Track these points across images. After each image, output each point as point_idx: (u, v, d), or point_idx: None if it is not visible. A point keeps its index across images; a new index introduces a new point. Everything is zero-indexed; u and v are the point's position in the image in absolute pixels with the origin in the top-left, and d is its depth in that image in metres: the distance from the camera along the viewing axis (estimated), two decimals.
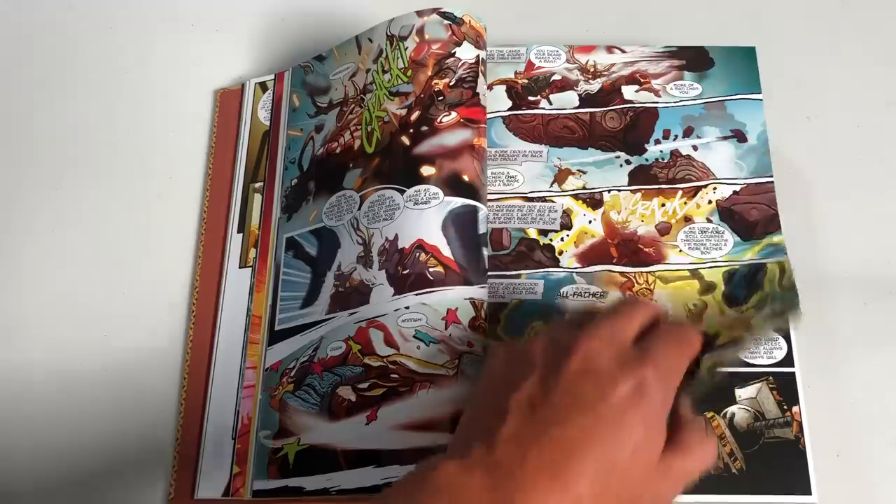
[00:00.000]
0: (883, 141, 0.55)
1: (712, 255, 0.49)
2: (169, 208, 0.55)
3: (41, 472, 0.48)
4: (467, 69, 0.50)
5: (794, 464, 0.44)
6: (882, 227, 0.52)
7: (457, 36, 0.51)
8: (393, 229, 0.48)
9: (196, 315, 0.52)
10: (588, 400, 0.33)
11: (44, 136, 0.58)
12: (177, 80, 0.60)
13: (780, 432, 0.45)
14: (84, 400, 0.50)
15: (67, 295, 0.53)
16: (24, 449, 0.49)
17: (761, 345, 0.46)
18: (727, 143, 0.52)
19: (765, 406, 0.45)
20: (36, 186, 0.56)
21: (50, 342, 0.51)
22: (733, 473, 0.44)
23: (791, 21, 0.60)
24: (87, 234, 0.55)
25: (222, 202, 0.55)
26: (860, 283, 0.51)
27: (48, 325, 0.52)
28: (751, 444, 0.44)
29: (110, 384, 0.50)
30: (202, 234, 0.54)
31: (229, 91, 0.59)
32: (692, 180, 0.51)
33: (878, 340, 0.49)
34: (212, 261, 0.53)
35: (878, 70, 0.57)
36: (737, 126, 0.52)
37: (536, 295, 0.49)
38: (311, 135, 0.55)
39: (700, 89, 0.53)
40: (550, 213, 0.51)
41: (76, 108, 0.59)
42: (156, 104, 0.59)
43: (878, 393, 0.48)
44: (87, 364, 0.51)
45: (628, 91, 0.54)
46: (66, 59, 0.60)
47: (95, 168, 0.57)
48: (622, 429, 0.32)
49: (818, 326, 0.49)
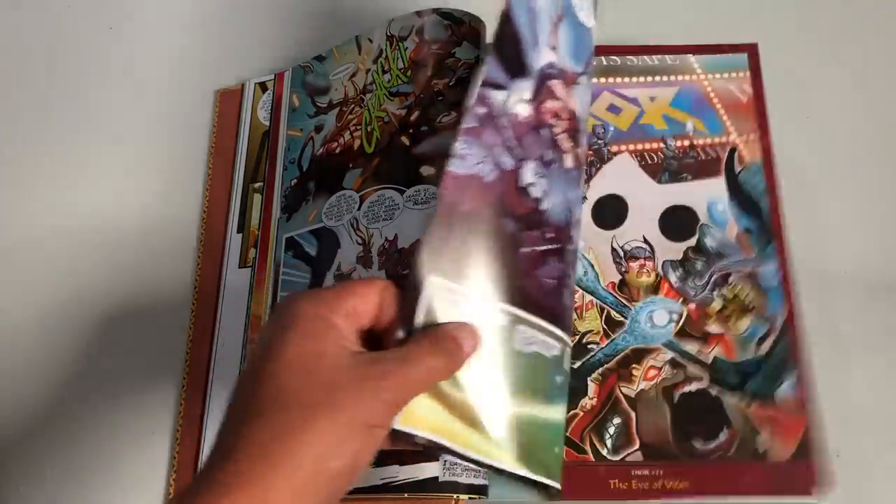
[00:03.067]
0: (883, 141, 0.55)
1: None
2: (169, 208, 0.55)
3: (41, 473, 0.48)
4: (467, 69, 0.50)
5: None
6: (882, 227, 0.52)
7: (456, 36, 0.51)
8: (393, 229, 0.48)
9: (196, 315, 0.52)
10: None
11: (44, 136, 0.58)
12: (177, 80, 0.60)
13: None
14: (84, 402, 0.50)
15: (67, 294, 0.53)
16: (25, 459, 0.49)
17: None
18: None
19: None
20: (36, 186, 0.56)
21: (50, 343, 0.51)
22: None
23: (791, 21, 0.60)
24: (87, 234, 0.55)
25: (222, 202, 0.55)
26: (860, 283, 0.51)
27: (48, 327, 0.52)
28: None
29: (110, 384, 0.50)
30: (202, 234, 0.54)
31: (229, 91, 0.59)
32: None
33: (878, 340, 0.49)
34: (212, 261, 0.53)
35: (878, 70, 0.58)
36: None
37: None
38: (311, 135, 0.55)
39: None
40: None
41: (76, 108, 0.59)
42: (156, 104, 0.59)
43: (879, 393, 0.48)
44: (88, 363, 0.51)
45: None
46: (67, 59, 0.60)
47: (95, 168, 0.57)
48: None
49: (819, 326, 0.49)
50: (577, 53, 0.42)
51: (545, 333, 0.38)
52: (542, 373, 0.38)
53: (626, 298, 0.49)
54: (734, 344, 0.47)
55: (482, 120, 0.37)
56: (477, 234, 0.37)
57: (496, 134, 0.38)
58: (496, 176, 0.37)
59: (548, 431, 0.38)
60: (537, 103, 0.40)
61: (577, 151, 0.41)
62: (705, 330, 0.48)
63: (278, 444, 0.29)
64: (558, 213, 0.40)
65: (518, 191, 0.38)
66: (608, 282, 0.49)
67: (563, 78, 0.41)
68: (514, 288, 0.37)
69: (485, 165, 0.37)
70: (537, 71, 0.40)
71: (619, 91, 0.54)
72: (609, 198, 0.52)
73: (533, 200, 0.39)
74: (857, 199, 0.53)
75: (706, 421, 0.46)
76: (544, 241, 0.39)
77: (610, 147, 0.53)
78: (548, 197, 0.39)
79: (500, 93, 0.38)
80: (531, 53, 0.39)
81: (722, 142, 0.52)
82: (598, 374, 0.47)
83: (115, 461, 0.48)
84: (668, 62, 0.55)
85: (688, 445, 0.45)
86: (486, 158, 0.37)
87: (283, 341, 0.31)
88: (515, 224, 0.38)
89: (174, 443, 0.48)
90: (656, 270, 0.50)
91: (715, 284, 0.49)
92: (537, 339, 0.38)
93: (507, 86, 0.38)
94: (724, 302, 0.48)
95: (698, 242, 0.50)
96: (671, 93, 0.54)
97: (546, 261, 0.39)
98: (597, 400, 0.47)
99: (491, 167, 0.37)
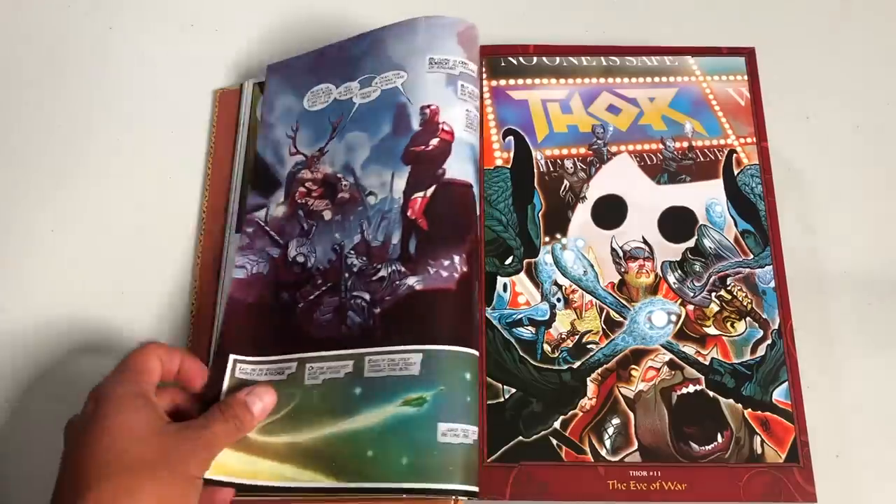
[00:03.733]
0: (882, 141, 0.55)
1: None
2: (169, 208, 0.55)
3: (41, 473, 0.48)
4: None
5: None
6: (881, 227, 0.52)
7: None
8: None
9: (195, 315, 0.52)
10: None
11: (43, 136, 0.58)
12: (177, 80, 0.60)
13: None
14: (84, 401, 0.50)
15: (67, 295, 0.53)
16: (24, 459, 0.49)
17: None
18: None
19: None
20: (36, 187, 0.56)
21: (49, 344, 0.51)
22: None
23: (791, 21, 0.59)
24: (87, 234, 0.55)
25: (221, 202, 0.55)
26: (860, 283, 0.51)
27: (47, 326, 0.52)
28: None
29: None
30: (201, 233, 0.54)
31: (228, 91, 0.59)
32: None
33: (878, 340, 0.49)
34: (211, 261, 0.53)
35: (878, 70, 0.57)
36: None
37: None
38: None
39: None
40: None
41: (76, 108, 0.59)
42: (156, 104, 0.59)
43: (878, 393, 0.48)
44: (88, 363, 0.51)
45: None
46: (66, 59, 0.60)
47: (95, 168, 0.57)
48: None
49: (818, 326, 0.49)
50: (316, 138, 0.53)
51: (330, 360, 0.45)
52: (338, 392, 0.44)
53: (625, 299, 0.49)
54: (731, 347, 0.48)
55: (251, 236, 0.51)
56: (262, 315, 0.48)
57: (263, 238, 0.51)
58: (270, 265, 0.50)
59: (354, 440, 0.43)
60: (291, 197, 0.51)
61: (334, 201, 0.50)
62: (703, 332, 0.48)
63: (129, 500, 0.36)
64: (324, 261, 0.49)
65: (288, 265, 0.50)
66: (608, 282, 0.49)
67: (307, 162, 0.52)
68: (297, 339, 0.47)
69: (259, 265, 0.50)
70: (286, 176, 0.52)
71: (619, 91, 0.54)
72: (608, 198, 0.52)
73: (300, 266, 0.49)
74: (856, 200, 0.53)
75: (704, 423, 0.46)
76: (316, 289, 0.48)
77: (609, 147, 0.53)
78: (312, 255, 0.49)
79: (260, 211, 0.52)
80: (279, 170, 0.53)
81: (720, 144, 0.52)
82: (597, 375, 0.47)
83: None
84: (667, 63, 0.55)
85: (685, 447, 0.45)
86: (259, 261, 0.50)
87: (106, 414, 0.39)
88: (289, 292, 0.49)
89: None
90: (655, 271, 0.50)
91: (713, 287, 0.49)
92: (323, 368, 0.45)
93: (267, 203, 0.52)
94: (721, 304, 0.48)
95: (697, 244, 0.50)
96: (670, 94, 0.54)
97: (321, 302, 0.48)
98: (596, 400, 0.47)
99: (264, 263, 0.50)
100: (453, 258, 0.45)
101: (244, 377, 0.46)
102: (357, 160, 0.50)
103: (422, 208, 0.47)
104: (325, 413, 0.44)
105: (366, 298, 0.46)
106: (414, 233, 0.47)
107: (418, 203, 0.47)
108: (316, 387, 0.45)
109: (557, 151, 0.53)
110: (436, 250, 0.46)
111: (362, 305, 0.46)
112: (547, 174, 0.52)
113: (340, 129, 0.52)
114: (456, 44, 0.51)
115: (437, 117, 0.49)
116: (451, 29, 0.51)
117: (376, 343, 0.45)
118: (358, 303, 0.46)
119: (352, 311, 0.47)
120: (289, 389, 0.45)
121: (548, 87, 0.55)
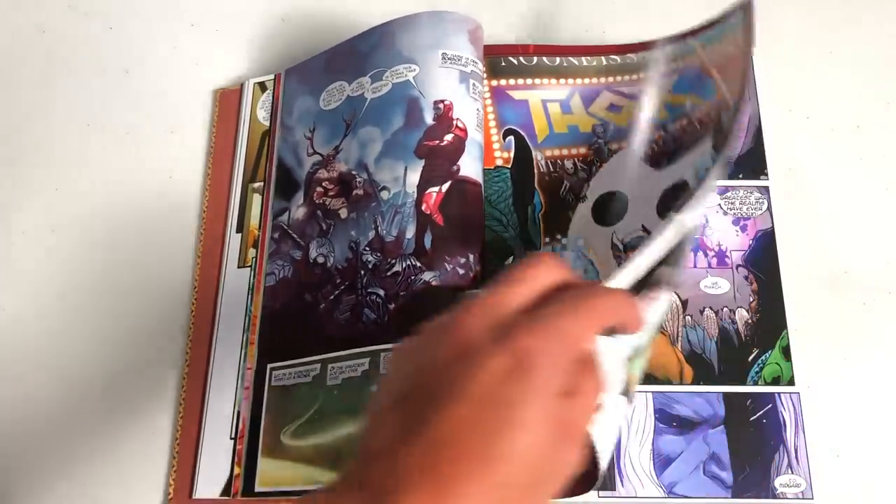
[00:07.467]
0: (883, 141, 0.55)
1: None
2: (168, 208, 0.55)
3: (41, 473, 0.48)
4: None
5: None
6: (881, 227, 0.52)
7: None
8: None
9: (195, 315, 0.52)
10: (457, 385, 0.27)
11: (43, 136, 0.58)
12: (177, 80, 0.60)
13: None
14: (84, 401, 0.50)
15: (67, 295, 0.53)
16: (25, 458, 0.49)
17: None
18: None
19: None
20: (36, 187, 0.56)
21: (49, 344, 0.51)
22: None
23: (790, 21, 0.59)
24: (87, 234, 0.55)
25: (221, 202, 0.55)
26: (860, 283, 0.51)
27: (46, 327, 0.52)
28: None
29: (109, 383, 0.50)
30: (201, 233, 0.54)
31: (228, 91, 0.59)
32: None
33: (878, 340, 0.49)
34: (211, 261, 0.53)
35: (878, 70, 0.57)
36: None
37: None
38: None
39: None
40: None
41: (76, 108, 0.59)
42: (156, 104, 0.59)
43: (878, 393, 0.48)
44: (87, 363, 0.51)
45: None
46: (66, 59, 0.60)
47: (95, 168, 0.57)
48: (500, 410, 0.27)
49: (818, 326, 0.49)
50: (332, 136, 0.53)
51: (350, 359, 0.45)
52: (356, 391, 0.44)
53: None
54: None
55: (278, 241, 0.52)
56: (288, 319, 0.49)
57: (287, 241, 0.51)
58: (293, 268, 0.50)
59: None
60: (309, 197, 0.52)
61: (349, 199, 0.50)
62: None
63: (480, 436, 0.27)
64: (342, 260, 0.49)
65: (309, 266, 0.50)
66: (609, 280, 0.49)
67: (324, 161, 0.52)
68: (319, 340, 0.47)
69: (285, 269, 0.51)
70: (305, 177, 0.52)
71: (619, 89, 0.54)
72: (608, 196, 0.51)
73: (320, 267, 0.49)
74: (856, 200, 0.53)
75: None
76: (335, 288, 0.48)
77: (610, 145, 0.53)
78: (331, 255, 0.49)
79: (283, 215, 0.52)
80: (298, 172, 0.53)
81: (713, 102, 0.49)
82: None
83: (114, 461, 0.48)
84: (668, 51, 0.53)
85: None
86: (284, 265, 0.51)
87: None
88: (311, 293, 0.49)
89: (174, 443, 0.48)
90: None
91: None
92: (342, 368, 0.45)
93: (289, 206, 0.52)
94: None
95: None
96: (672, 80, 0.53)
97: (340, 301, 0.48)
98: None
99: (289, 266, 0.51)
100: (469, 256, 0.45)
101: (278, 384, 0.47)
102: (370, 155, 0.50)
103: (437, 203, 0.47)
104: (345, 413, 0.44)
105: (380, 294, 0.46)
106: (429, 227, 0.47)
107: (433, 198, 0.47)
108: (337, 387, 0.45)
109: (558, 152, 0.53)
110: (452, 247, 0.46)
111: (377, 302, 0.46)
112: (547, 174, 0.52)
113: (354, 125, 0.52)
114: (467, 41, 0.51)
115: (451, 113, 0.49)
116: (462, 25, 0.51)
117: (391, 339, 0.44)
118: (373, 299, 0.46)
119: (367, 307, 0.46)
120: (314, 391, 0.46)
121: (548, 87, 0.55)
